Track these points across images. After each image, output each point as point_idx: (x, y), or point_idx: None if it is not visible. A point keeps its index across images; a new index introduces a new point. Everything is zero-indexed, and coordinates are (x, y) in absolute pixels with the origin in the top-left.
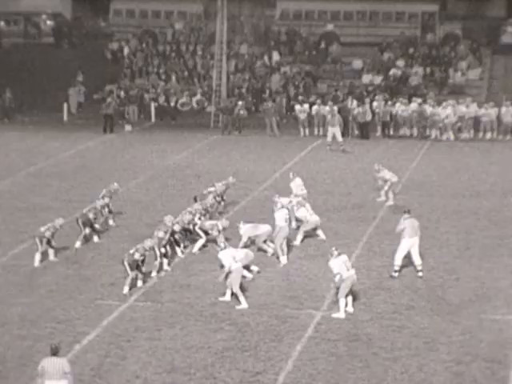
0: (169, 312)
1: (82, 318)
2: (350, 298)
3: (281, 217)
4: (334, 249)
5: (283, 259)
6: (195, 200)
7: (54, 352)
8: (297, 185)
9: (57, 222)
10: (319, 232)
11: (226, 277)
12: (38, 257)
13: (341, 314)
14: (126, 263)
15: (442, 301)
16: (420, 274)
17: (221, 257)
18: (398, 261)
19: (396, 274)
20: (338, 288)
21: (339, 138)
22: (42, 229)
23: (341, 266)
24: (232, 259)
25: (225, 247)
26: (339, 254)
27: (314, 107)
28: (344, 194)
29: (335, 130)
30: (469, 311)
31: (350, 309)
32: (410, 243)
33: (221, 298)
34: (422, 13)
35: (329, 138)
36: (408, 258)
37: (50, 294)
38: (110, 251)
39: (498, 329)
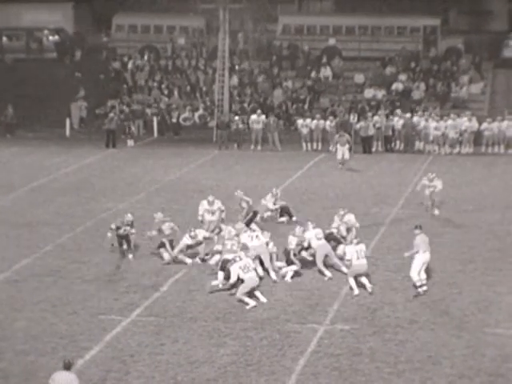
0: (172, 327)
1: (84, 333)
2: (365, 279)
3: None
4: (354, 237)
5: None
6: (254, 215)
7: (67, 367)
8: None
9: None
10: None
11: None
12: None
13: (355, 291)
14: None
15: (444, 315)
16: (424, 288)
17: (231, 269)
18: (416, 276)
19: (421, 290)
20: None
21: (346, 156)
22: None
23: (353, 253)
24: (241, 271)
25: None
26: (358, 243)
27: (314, 122)
28: (347, 208)
29: (344, 149)
30: (472, 325)
31: (369, 288)
32: (424, 258)
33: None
34: (423, 27)
35: (339, 156)
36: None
37: (52, 309)
38: (112, 266)
39: (501, 343)
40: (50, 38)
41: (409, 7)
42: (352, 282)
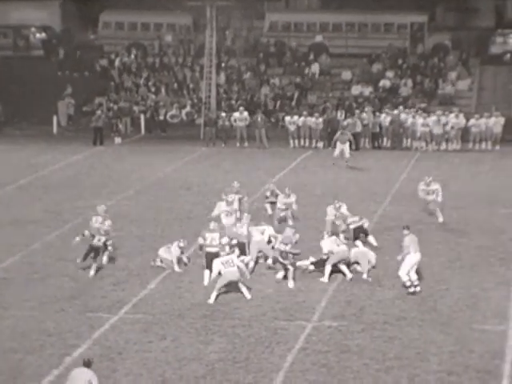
0: (160, 324)
1: (72, 330)
2: (344, 267)
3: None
4: (325, 232)
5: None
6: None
7: (87, 364)
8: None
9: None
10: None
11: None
12: None
13: (325, 279)
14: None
15: (432, 311)
16: (418, 288)
17: (214, 263)
18: (405, 276)
19: (412, 290)
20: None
21: (346, 155)
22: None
23: (331, 244)
24: (222, 266)
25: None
26: (331, 236)
27: (301, 118)
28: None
29: (344, 147)
30: (459, 322)
31: (349, 274)
32: (415, 258)
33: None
34: (410, 24)
35: (336, 153)
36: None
37: (40, 307)
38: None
39: (489, 339)
40: (37, 35)
41: (396, 4)
42: (328, 269)
